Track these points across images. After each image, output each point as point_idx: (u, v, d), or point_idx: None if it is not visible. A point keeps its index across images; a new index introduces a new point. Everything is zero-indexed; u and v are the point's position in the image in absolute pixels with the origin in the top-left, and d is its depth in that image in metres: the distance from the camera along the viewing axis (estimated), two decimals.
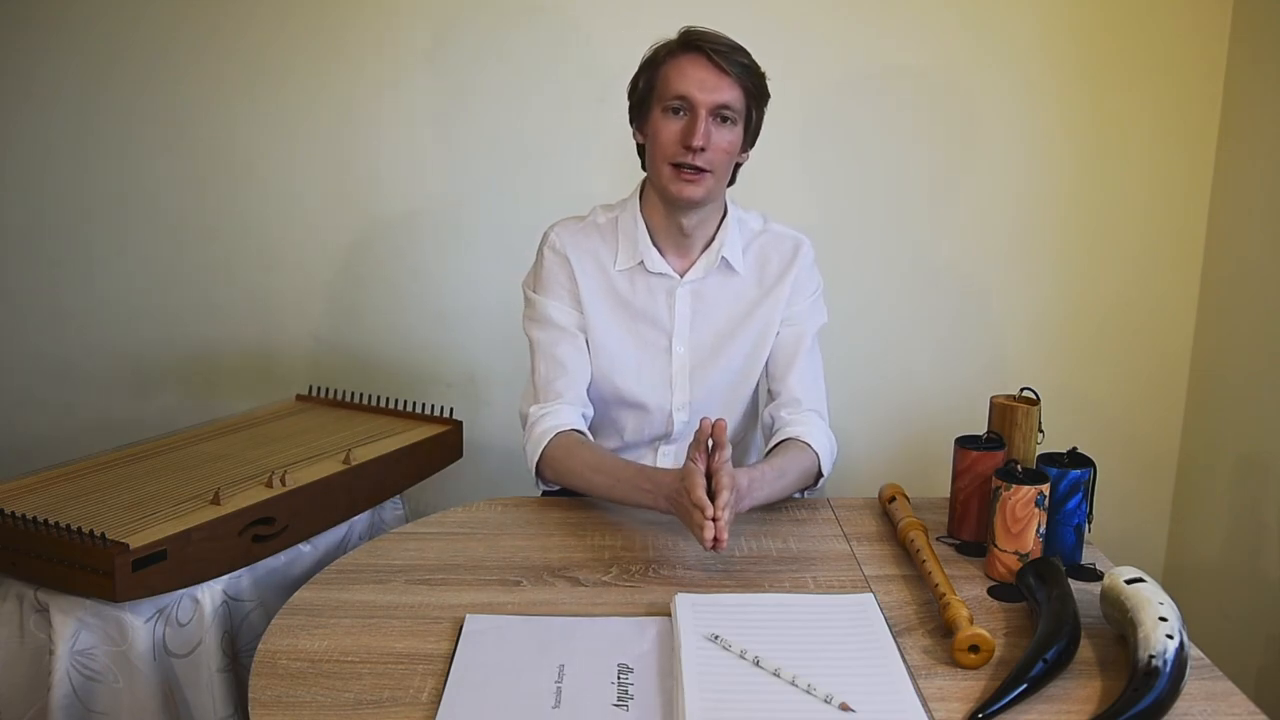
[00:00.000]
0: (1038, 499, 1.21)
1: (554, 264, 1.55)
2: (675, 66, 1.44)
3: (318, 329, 2.24)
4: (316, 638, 1.10)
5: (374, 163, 2.16)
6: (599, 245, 1.55)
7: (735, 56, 1.43)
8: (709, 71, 1.42)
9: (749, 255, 1.56)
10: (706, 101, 1.42)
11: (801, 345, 1.56)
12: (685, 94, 1.42)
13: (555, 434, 1.47)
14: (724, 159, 1.46)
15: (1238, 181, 2.00)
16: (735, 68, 1.42)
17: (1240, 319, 1.98)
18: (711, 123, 1.43)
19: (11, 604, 1.27)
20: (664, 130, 1.44)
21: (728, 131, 1.44)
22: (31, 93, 2.15)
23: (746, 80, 1.44)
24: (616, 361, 1.55)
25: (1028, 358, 2.16)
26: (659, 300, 1.55)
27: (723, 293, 1.55)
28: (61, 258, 2.23)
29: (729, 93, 1.42)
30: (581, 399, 1.54)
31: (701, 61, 1.42)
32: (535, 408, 1.52)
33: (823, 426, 1.52)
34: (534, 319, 1.56)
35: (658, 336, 1.56)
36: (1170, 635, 0.98)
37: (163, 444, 1.62)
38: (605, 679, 1.01)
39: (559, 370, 1.53)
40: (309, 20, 2.09)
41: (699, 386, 1.56)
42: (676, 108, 1.43)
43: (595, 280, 1.54)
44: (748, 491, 1.32)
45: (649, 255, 1.53)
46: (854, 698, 0.95)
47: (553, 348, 1.54)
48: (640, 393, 1.56)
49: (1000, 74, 2.05)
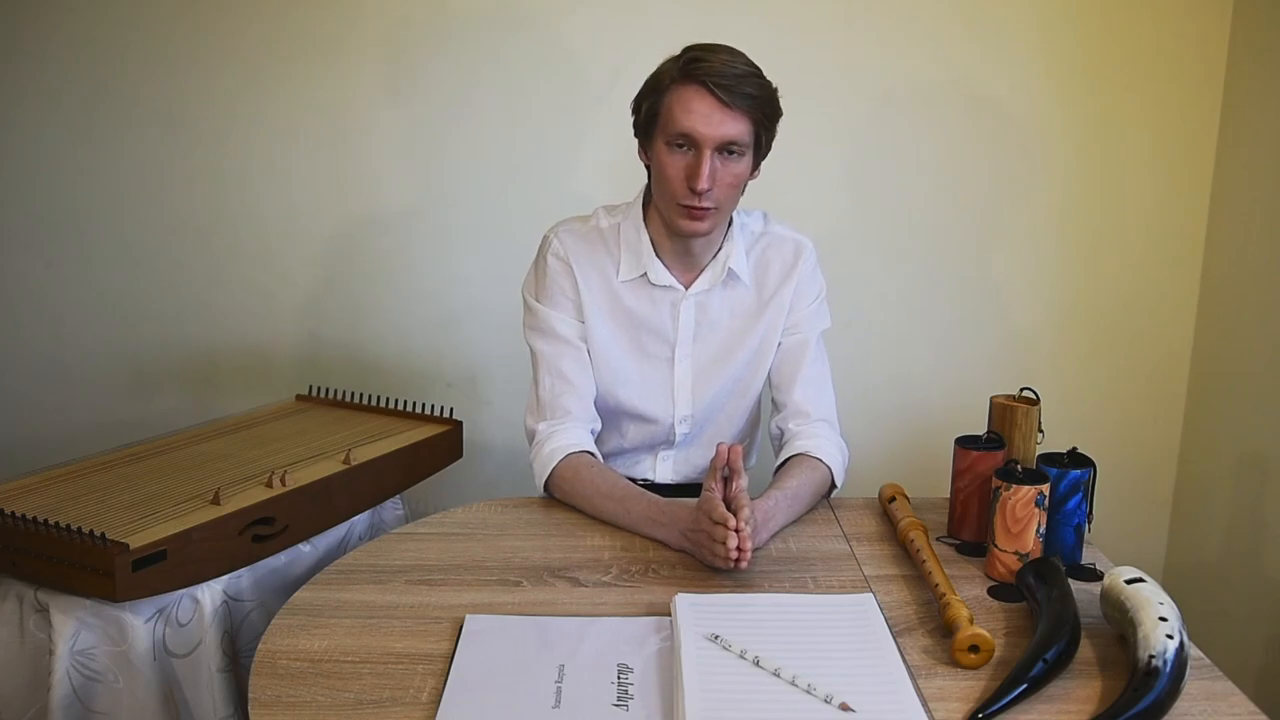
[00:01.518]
0: (1038, 499, 1.21)
1: (558, 272, 1.51)
2: (678, 99, 1.36)
3: (318, 329, 2.24)
4: (316, 638, 1.10)
5: (374, 162, 2.16)
6: (602, 254, 1.52)
7: (741, 88, 1.35)
8: (713, 107, 1.35)
9: (750, 260, 1.54)
10: (711, 139, 1.35)
11: (806, 353, 1.54)
12: (689, 131, 1.36)
13: (565, 455, 1.45)
14: (731, 193, 1.41)
15: (1238, 181, 2.00)
16: (742, 101, 1.35)
17: (1240, 319, 1.98)
18: (717, 158, 1.37)
19: (11, 604, 1.27)
20: (669, 166, 1.39)
21: (734, 164, 1.39)
22: (30, 93, 2.15)
23: (755, 111, 1.37)
24: (619, 374, 1.54)
25: (1028, 358, 2.16)
26: (663, 312, 1.52)
27: (726, 303, 1.54)
28: (61, 258, 2.23)
29: (734, 126, 1.36)
30: (589, 414, 1.52)
31: (705, 95, 1.35)
32: (544, 425, 1.49)
33: (833, 437, 1.51)
34: (536, 329, 1.53)
35: (661, 348, 1.54)
36: (1170, 635, 0.98)
37: (163, 444, 1.62)
38: (605, 679, 1.01)
39: (565, 386, 1.50)
40: (308, 22, 2.09)
41: (701, 397, 1.55)
42: (681, 144, 1.38)
43: (598, 290, 1.52)
44: (764, 523, 1.31)
45: (653, 267, 1.50)
46: (854, 698, 0.95)
47: (557, 361, 1.51)
48: (642, 404, 1.55)
49: (1000, 74, 2.05)
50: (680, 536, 1.30)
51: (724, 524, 1.20)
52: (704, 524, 1.23)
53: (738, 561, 1.19)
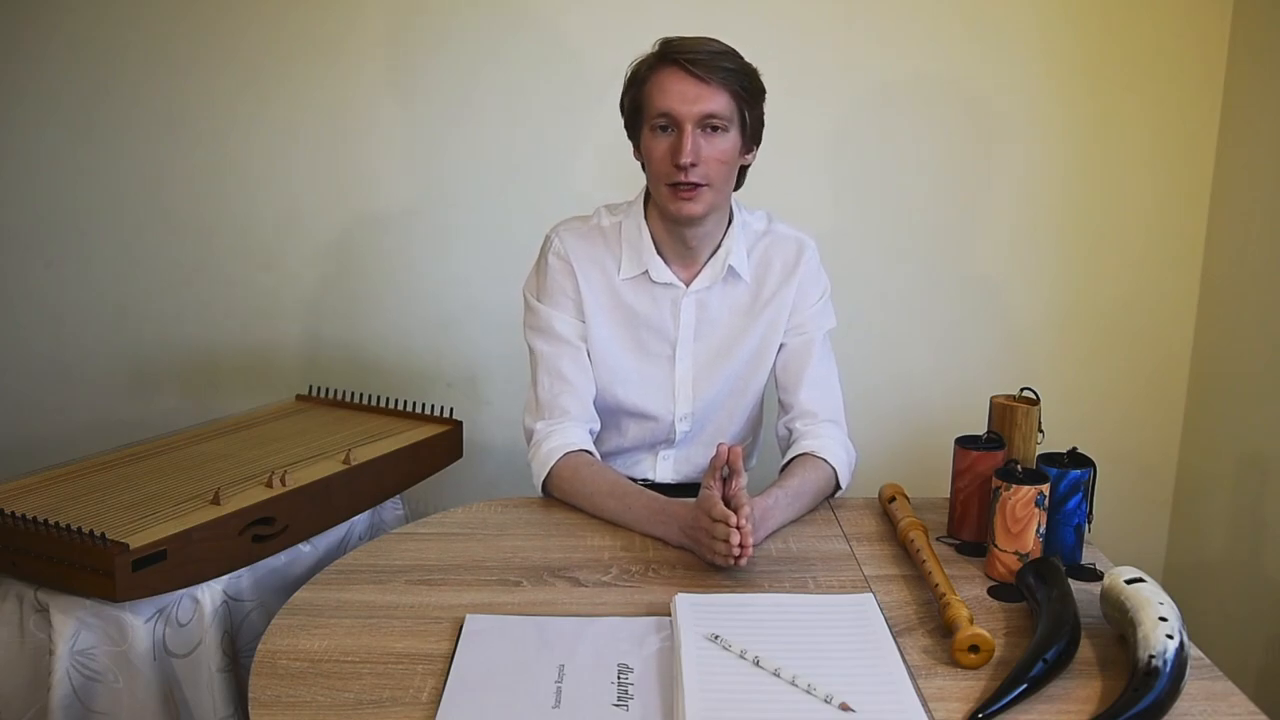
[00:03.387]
0: (1038, 499, 1.21)
1: (559, 272, 1.52)
2: (656, 83, 1.40)
3: (318, 329, 2.24)
4: (316, 638, 1.10)
5: (374, 162, 2.16)
6: (603, 252, 1.52)
7: (717, 62, 1.38)
8: (689, 83, 1.38)
9: (753, 259, 1.54)
10: (690, 114, 1.38)
11: (811, 354, 1.53)
12: (668, 110, 1.38)
13: (563, 454, 1.45)
14: (720, 169, 1.42)
15: (1238, 181, 2.00)
16: (717, 74, 1.38)
17: (1240, 319, 1.98)
18: (700, 135, 1.39)
19: (11, 604, 1.27)
20: (655, 149, 1.42)
21: (719, 140, 1.40)
22: (30, 94, 2.15)
23: (732, 84, 1.39)
24: (618, 372, 1.54)
25: (1028, 358, 2.16)
26: (664, 310, 1.53)
27: (726, 301, 1.54)
28: (61, 258, 2.23)
29: (713, 101, 1.38)
30: (588, 414, 1.52)
31: (680, 74, 1.38)
32: (542, 424, 1.50)
33: (840, 437, 1.50)
34: (536, 328, 1.54)
35: (662, 346, 1.54)
36: (1170, 635, 0.98)
37: (163, 444, 1.62)
38: (605, 679, 1.01)
39: (564, 385, 1.51)
40: (308, 22, 2.09)
41: (701, 395, 1.55)
42: (663, 125, 1.40)
43: (599, 289, 1.52)
44: (763, 519, 1.31)
45: (653, 265, 1.51)
46: (854, 698, 0.95)
47: (557, 361, 1.51)
48: (642, 403, 1.55)
49: (999, 74, 2.05)
50: (680, 533, 1.31)
51: (724, 521, 1.20)
52: (703, 521, 1.24)
53: (738, 559, 1.20)
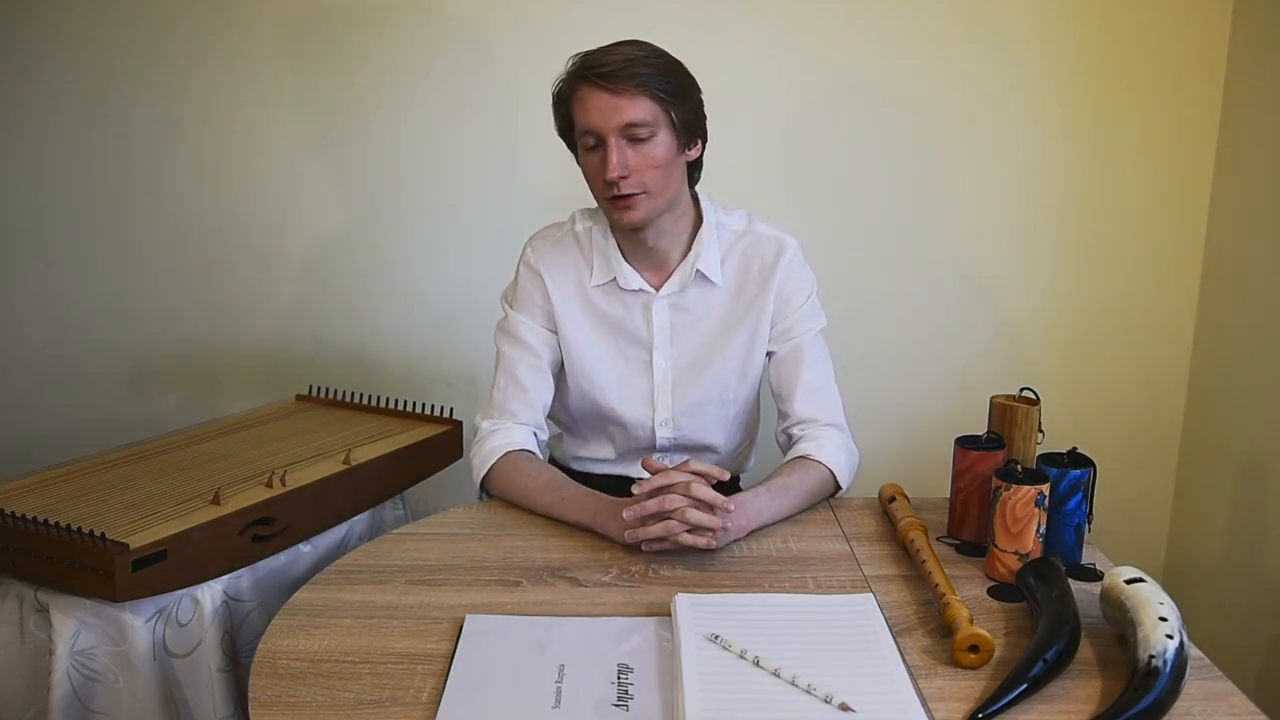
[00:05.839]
0: (1038, 499, 1.21)
1: (527, 280, 1.54)
2: (577, 101, 1.41)
3: (318, 329, 2.24)
4: (316, 638, 1.10)
5: (374, 163, 2.16)
6: (576, 259, 1.54)
7: (629, 70, 1.36)
8: (604, 97, 1.37)
9: (730, 261, 1.52)
10: (611, 127, 1.37)
11: (803, 360, 1.52)
12: (589, 127, 1.39)
13: (505, 452, 1.47)
14: (654, 174, 1.41)
15: (1238, 181, 2.00)
16: (630, 82, 1.36)
17: (1240, 319, 1.98)
18: (626, 146, 1.38)
19: (11, 604, 1.27)
20: (588, 167, 1.44)
21: (648, 147, 1.39)
22: (30, 94, 2.15)
23: (650, 89, 1.38)
24: (596, 378, 1.54)
25: (1027, 358, 2.16)
26: (636, 315, 1.53)
27: (704, 304, 1.53)
28: (61, 258, 2.23)
29: (631, 110, 1.37)
30: (536, 421, 1.54)
31: (593, 90, 1.38)
32: (488, 423, 1.52)
33: (839, 440, 1.49)
34: (503, 331, 1.56)
35: (638, 351, 1.54)
36: (1170, 635, 0.98)
37: (163, 444, 1.62)
38: (605, 679, 1.01)
39: (516, 390, 1.52)
40: (310, 22, 2.09)
41: (682, 401, 1.55)
42: (591, 143, 1.41)
43: (572, 296, 1.53)
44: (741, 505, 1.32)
45: (621, 271, 1.51)
46: (854, 698, 0.95)
47: (514, 366, 1.53)
48: (621, 408, 1.55)
49: (999, 74, 2.05)
50: (613, 522, 1.32)
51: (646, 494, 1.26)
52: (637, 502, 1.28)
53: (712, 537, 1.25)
